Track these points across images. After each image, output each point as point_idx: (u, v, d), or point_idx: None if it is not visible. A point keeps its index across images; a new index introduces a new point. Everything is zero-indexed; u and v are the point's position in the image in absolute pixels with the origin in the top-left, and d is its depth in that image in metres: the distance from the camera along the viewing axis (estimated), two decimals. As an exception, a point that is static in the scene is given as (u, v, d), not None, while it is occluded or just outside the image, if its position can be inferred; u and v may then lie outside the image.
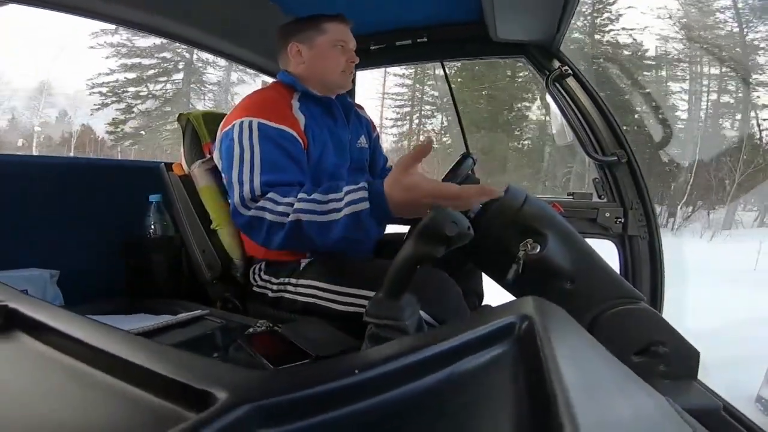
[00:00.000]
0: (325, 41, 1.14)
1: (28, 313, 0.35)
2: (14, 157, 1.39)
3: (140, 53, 16.42)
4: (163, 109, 17.09)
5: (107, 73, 16.27)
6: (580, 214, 1.46)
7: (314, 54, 1.15)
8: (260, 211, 0.92)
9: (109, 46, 16.04)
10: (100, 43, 15.99)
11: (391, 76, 17.75)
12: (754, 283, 6.36)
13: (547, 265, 0.89)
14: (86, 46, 15.93)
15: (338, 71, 1.15)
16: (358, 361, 0.29)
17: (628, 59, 14.59)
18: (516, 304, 0.40)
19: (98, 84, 16.30)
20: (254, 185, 0.94)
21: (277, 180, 0.95)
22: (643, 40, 14.57)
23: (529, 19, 1.34)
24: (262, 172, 0.96)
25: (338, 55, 1.15)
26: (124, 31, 15.03)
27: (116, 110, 16.76)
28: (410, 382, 0.29)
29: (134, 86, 16.65)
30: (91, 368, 0.29)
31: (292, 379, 0.27)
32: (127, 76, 16.49)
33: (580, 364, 0.36)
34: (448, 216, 0.51)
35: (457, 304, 0.94)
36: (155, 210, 1.24)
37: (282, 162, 0.99)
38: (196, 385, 0.25)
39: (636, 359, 0.91)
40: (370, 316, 0.55)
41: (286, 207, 0.89)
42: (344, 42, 1.16)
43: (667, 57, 14.49)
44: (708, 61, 14.01)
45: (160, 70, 16.85)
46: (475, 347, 0.34)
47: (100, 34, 15.81)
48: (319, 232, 0.86)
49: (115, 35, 15.77)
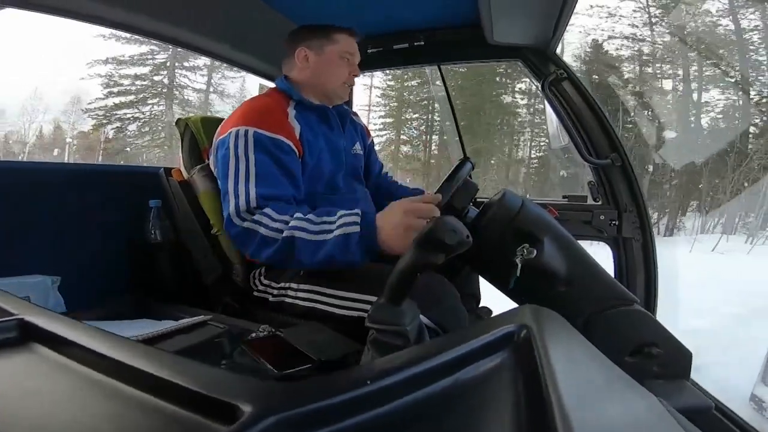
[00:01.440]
0: (334, 51, 1.16)
1: (45, 326, 0.36)
2: (14, 164, 1.39)
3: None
4: (142, 130, 17.62)
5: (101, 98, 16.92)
6: (575, 217, 1.48)
7: (321, 61, 1.16)
8: (255, 224, 0.94)
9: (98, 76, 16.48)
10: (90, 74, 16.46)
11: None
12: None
13: (542, 269, 0.91)
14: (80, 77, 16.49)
15: (340, 82, 1.17)
16: (369, 371, 0.31)
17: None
18: (514, 314, 0.42)
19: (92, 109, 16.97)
20: (250, 197, 0.96)
21: (272, 194, 0.97)
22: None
23: (526, 22, 1.36)
24: (257, 185, 0.97)
25: (343, 66, 1.17)
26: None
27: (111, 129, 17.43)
28: (417, 390, 0.31)
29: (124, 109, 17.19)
30: (114, 381, 0.30)
31: (310, 391, 0.29)
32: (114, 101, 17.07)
33: (576, 369, 0.38)
34: (447, 225, 0.52)
35: (455, 306, 0.96)
36: (155, 215, 1.24)
37: (276, 174, 1.00)
38: (222, 397, 0.26)
39: (629, 360, 0.92)
40: (371, 321, 0.57)
41: (281, 224, 0.92)
42: (351, 55, 1.18)
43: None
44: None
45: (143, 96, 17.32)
46: (476, 356, 0.35)
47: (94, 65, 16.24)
48: (308, 250, 0.89)
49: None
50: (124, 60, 16.74)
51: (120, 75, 16.89)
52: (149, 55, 16.88)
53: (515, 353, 0.37)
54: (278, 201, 0.96)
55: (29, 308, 0.40)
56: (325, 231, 0.89)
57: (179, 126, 1.31)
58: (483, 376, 0.34)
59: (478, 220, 0.95)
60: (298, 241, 0.89)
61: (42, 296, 1.03)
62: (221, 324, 0.94)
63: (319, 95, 1.19)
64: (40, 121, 18.04)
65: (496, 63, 5.46)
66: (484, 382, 0.34)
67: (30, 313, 0.39)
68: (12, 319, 0.37)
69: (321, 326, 0.92)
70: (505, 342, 0.37)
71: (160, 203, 1.25)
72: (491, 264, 0.96)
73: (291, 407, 0.25)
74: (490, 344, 0.36)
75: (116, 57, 16.50)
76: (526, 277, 0.89)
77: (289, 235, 0.89)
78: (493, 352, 0.36)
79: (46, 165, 1.29)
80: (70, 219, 1.22)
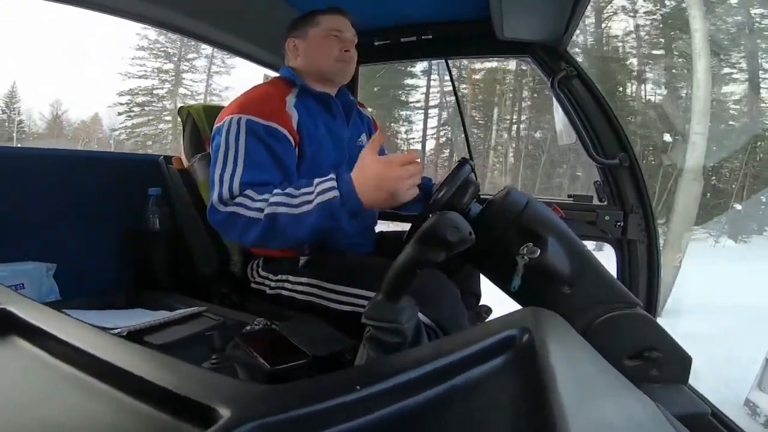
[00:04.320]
0: (318, 32, 1.14)
1: (26, 318, 0.34)
2: (13, 150, 1.39)
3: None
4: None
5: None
6: (580, 217, 1.46)
7: (307, 45, 1.15)
8: (237, 207, 0.92)
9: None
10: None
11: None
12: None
13: (546, 269, 0.89)
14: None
15: (331, 59, 1.14)
16: (361, 375, 0.29)
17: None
18: (516, 316, 0.41)
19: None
20: (233, 185, 0.94)
21: (256, 180, 0.95)
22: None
23: (537, 18, 1.33)
24: (243, 172, 0.96)
25: (331, 44, 1.14)
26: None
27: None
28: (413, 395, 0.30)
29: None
30: (91, 377, 0.28)
31: (294, 395, 0.27)
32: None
33: (576, 372, 0.37)
34: (449, 221, 0.50)
35: (455, 304, 0.94)
36: (155, 203, 1.23)
37: (264, 162, 0.99)
38: (199, 399, 0.25)
39: (629, 363, 0.91)
40: (368, 318, 0.55)
41: (261, 203, 0.90)
42: (338, 31, 1.15)
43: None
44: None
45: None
46: (476, 360, 0.34)
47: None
48: (293, 225, 0.87)
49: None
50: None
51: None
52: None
53: (517, 357, 0.36)
54: (260, 186, 0.94)
55: (12, 297, 0.39)
56: (305, 202, 0.86)
57: (181, 114, 1.30)
58: (483, 379, 0.34)
59: (481, 216, 0.93)
60: (282, 217, 0.87)
61: (36, 283, 1.03)
62: (216, 315, 0.93)
63: (319, 80, 1.17)
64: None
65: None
66: (485, 386, 0.33)
67: (13, 302, 0.37)
68: None
69: (317, 321, 0.91)
70: (506, 345, 0.37)
71: (160, 191, 1.24)
72: (493, 262, 0.95)
73: (273, 412, 0.24)
74: (491, 347, 0.36)
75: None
76: (528, 277, 0.87)
77: (271, 212, 0.87)
78: (495, 356, 0.36)
79: (44, 151, 1.28)
80: (66, 206, 1.21)
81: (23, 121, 18.71)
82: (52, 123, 19.32)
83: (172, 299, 1.09)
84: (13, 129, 17.97)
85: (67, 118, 19.84)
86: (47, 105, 19.50)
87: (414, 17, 1.59)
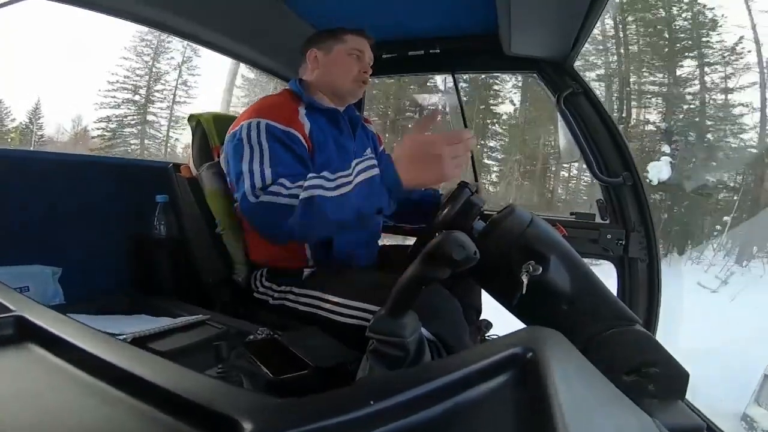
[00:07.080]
0: (342, 49, 1.17)
1: (42, 324, 0.35)
2: (20, 153, 1.39)
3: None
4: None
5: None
6: (582, 235, 1.47)
7: (329, 60, 1.17)
8: (272, 196, 0.91)
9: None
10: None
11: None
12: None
13: (547, 286, 0.90)
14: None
15: (350, 78, 1.17)
16: (372, 390, 0.30)
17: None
18: (520, 335, 0.42)
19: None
20: (265, 175, 0.94)
21: (287, 171, 0.95)
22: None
23: (545, 35, 1.34)
24: (271, 165, 0.96)
25: (353, 63, 1.17)
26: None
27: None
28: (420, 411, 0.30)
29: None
30: (110, 386, 0.29)
31: (313, 409, 0.28)
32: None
33: (577, 390, 0.38)
34: (455, 240, 0.51)
35: (456, 319, 0.95)
36: (161, 210, 1.24)
37: (289, 159, 1.00)
38: (222, 411, 0.25)
39: (627, 378, 0.91)
40: (372, 331, 0.56)
41: (296, 189, 0.88)
42: (360, 52, 1.18)
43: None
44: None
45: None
46: (480, 378, 0.35)
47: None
48: (332, 208, 0.85)
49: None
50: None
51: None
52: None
53: (520, 375, 0.37)
54: (294, 176, 0.93)
55: (27, 304, 0.39)
56: (343, 184, 0.85)
57: (191, 122, 1.31)
58: (486, 397, 0.34)
59: (485, 234, 0.94)
60: (318, 199, 0.84)
61: (41, 287, 1.03)
62: (219, 324, 0.93)
63: (331, 95, 1.19)
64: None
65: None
66: (487, 404, 0.34)
67: (28, 309, 0.38)
68: (9, 315, 0.36)
69: (320, 332, 0.91)
70: (510, 363, 0.37)
71: (168, 199, 1.25)
72: (495, 278, 0.95)
73: (292, 425, 0.24)
74: (494, 366, 0.37)
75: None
76: (529, 294, 0.88)
77: (308, 196, 0.85)
78: (498, 374, 0.36)
79: (53, 155, 1.29)
80: (73, 211, 1.22)
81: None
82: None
83: (175, 306, 1.09)
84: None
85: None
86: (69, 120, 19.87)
87: (422, 31, 1.60)
